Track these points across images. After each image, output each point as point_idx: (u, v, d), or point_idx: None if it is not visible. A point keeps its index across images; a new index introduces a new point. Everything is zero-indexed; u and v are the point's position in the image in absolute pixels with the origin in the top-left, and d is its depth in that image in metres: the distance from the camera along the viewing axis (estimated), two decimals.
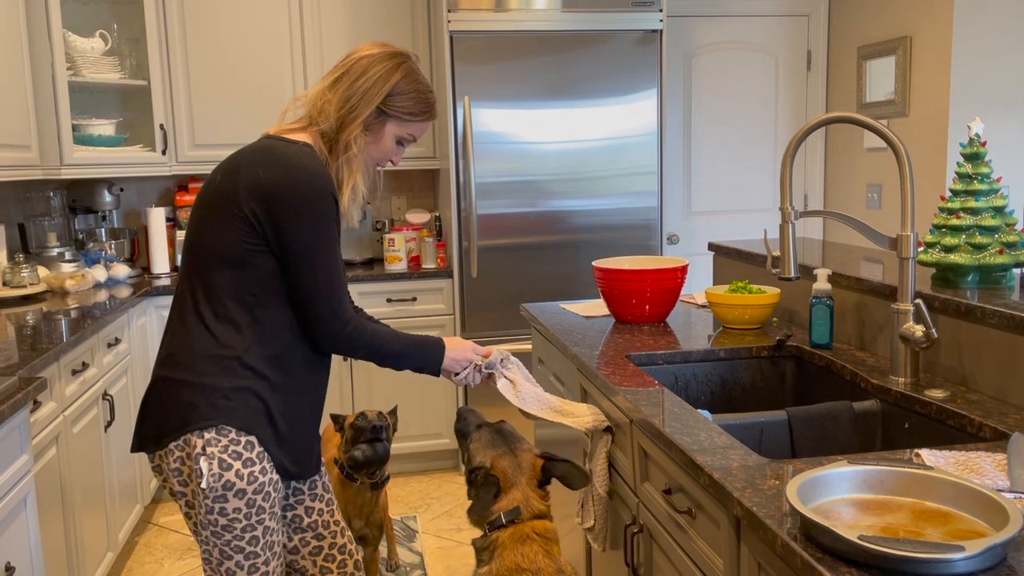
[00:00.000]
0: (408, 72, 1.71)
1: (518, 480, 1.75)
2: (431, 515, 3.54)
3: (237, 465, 1.55)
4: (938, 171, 3.70)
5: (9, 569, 1.80)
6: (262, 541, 1.60)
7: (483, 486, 1.74)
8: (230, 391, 1.56)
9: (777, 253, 1.89)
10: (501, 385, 1.90)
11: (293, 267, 1.58)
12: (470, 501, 1.78)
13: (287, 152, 1.61)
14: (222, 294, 1.59)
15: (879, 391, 1.78)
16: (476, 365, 1.87)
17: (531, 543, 1.68)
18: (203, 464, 1.53)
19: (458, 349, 1.83)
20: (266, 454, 1.59)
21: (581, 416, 1.89)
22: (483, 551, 1.73)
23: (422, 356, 1.77)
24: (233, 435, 1.55)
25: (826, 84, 4.50)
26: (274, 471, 1.61)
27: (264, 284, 1.60)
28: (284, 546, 1.80)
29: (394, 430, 2.62)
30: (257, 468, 1.57)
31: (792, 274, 1.86)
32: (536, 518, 1.73)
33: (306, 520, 1.81)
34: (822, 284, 2.07)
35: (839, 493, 1.20)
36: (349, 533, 1.91)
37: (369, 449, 2.45)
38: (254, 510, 1.57)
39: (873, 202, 4.17)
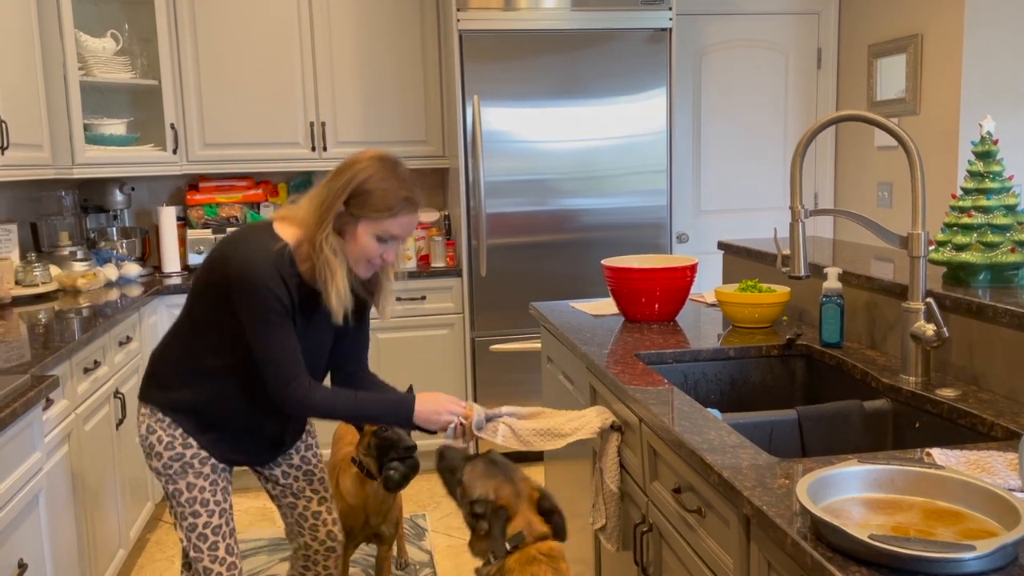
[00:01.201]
0: (376, 172, 1.78)
1: (519, 506, 1.76)
2: (440, 513, 3.54)
3: (159, 433, 1.90)
4: (949, 169, 3.68)
5: (22, 566, 1.82)
6: (186, 495, 1.90)
7: (494, 519, 1.73)
8: (176, 388, 1.90)
9: (787, 252, 1.88)
10: (501, 438, 1.88)
11: (247, 336, 1.78)
12: (472, 532, 1.78)
13: (247, 240, 1.79)
14: (202, 328, 1.86)
15: (890, 390, 1.78)
16: (460, 425, 1.89)
17: (539, 564, 1.69)
18: (140, 425, 1.94)
19: (430, 405, 1.88)
20: (191, 439, 1.89)
21: (588, 423, 1.89)
22: None
23: (386, 418, 1.89)
24: (160, 415, 1.90)
25: (836, 82, 4.49)
26: (201, 449, 1.90)
27: (233, 336, 1.81)
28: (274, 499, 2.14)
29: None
30: (178, 443, 1.89)
31: (802, 273, 1.86)
32: (539, 539, 1.73)
33: (281, 481, 2.12)
34: (832, 283, 2.06)
35: (849, 492, 1.19)
36: (334, 513, 2.18)
37: (404, 467, 2.41)
38: (172, 471, 1.90)
39: (884, 200, 4.16)
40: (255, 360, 1.80)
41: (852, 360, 1.95)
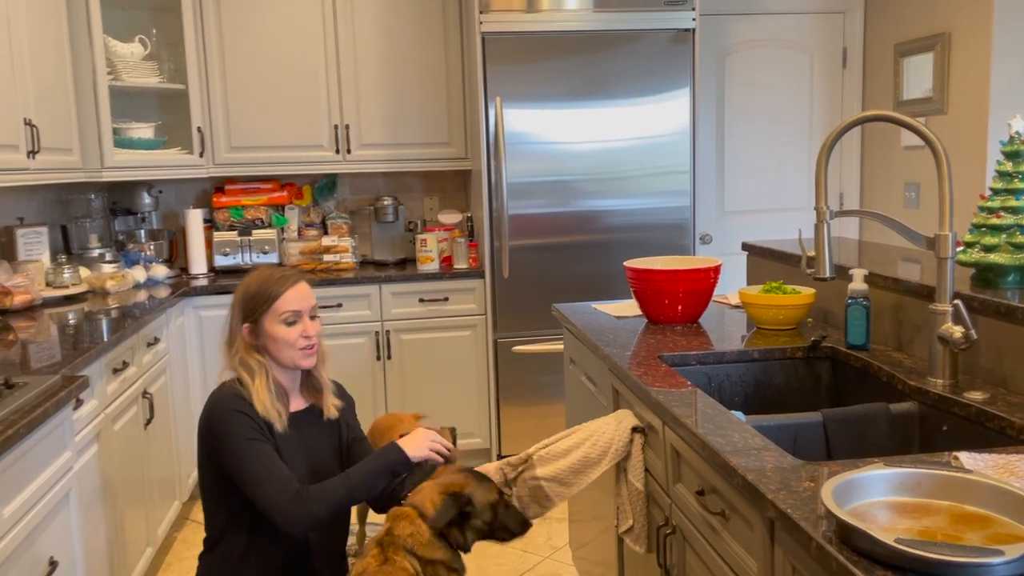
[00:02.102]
0: (247, 281, 1.95)
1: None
2: None
3: None
4: (977, 169, 3.63)
5: (52, 563, 1.85)
6: None
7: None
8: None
9: (812, 253, 1.87)
10: (539, 507, 1.98)
11: (238, 477, 1.83)
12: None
13: (212, 400, 1.91)
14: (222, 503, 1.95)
15: (917, 393, 1.76)
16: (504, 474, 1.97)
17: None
18: None
19: (414, 439, 1.94)
20: None
21: (609, 441, 1.91)
22: None
23: (383, 465, 1.89)
24: None
25: (862, 82, 4.45)
26: None
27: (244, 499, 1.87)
28: None
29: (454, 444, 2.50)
30: None
31: (827, 274, 1.84)
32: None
33: None
34: (858, 284, 2.04)
35: (875, 496, 1.18)
36: None
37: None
38: None
39: (911, 201, 4.11)
40: (250, 497, 1.81)
41: (878, 362, 1.93)
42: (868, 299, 2.04)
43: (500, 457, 4.00)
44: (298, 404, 2.01)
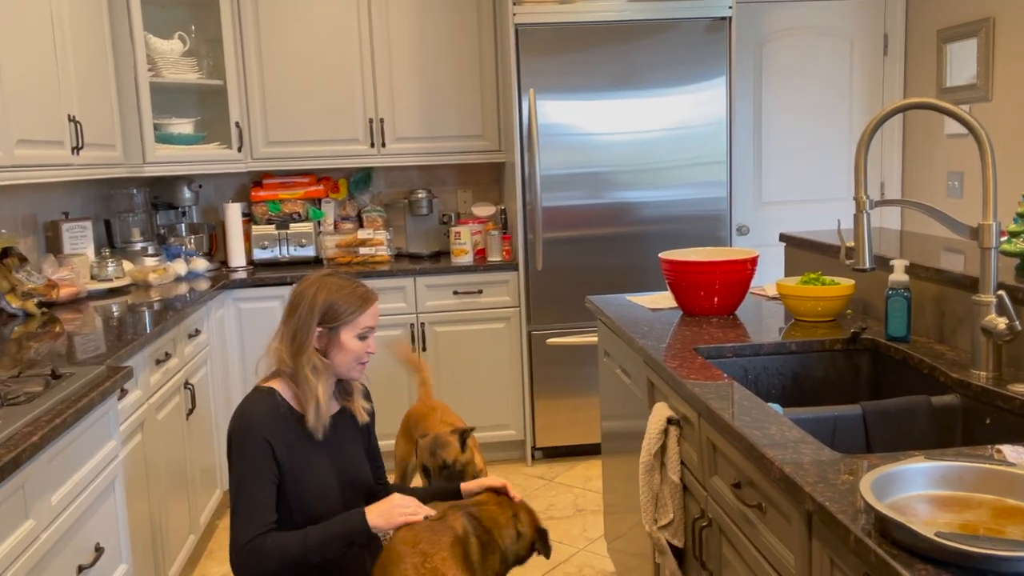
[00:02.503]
0: (329, 286, 1.94)
1: None
2: None
3: None
4: (1023, 158, 3.55)
5: (99, 549, 1.90)
6: None
7: None
8: None
9: (851, 243, 1.84)
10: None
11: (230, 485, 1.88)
12: None
13: (244, 402, 1.93)
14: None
15: (959, 385, 1.73)
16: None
17: None
18: None
19: (383, 505, 1.89)
20: None
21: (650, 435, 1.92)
22: None
23: (342, 532, 1.85)
24: None
25: (904, 69, 4.36)
26: None
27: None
28: None
29: (462, 449, 2.51)
30: None
31: (867, 265, 1.82)
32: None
33: None
34: (899, 275, 2.01)
35: (915, 489, 1.17)
36: None
37: None
38: None
39: (954, 190, 4.03)
40: (232, 514, 1.85)
41: (919, 354, 1.90)
42: (909, 290, 2.00)
43: (535, 449, 4.01)
44: (332, 408, 2.03)
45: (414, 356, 3.44)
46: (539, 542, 2.07)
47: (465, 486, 2.11)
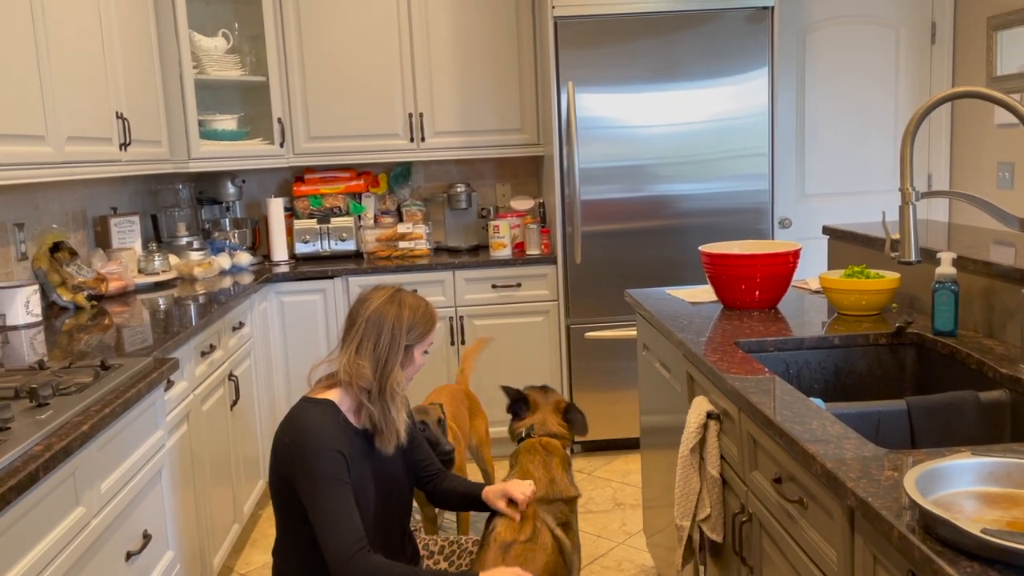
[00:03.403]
0: (406, 305, 1.93)
1: (542, 407, 2.37)
2: None
3: None
4: None
5: (146, 537, 1.94)
6: None
7: (516, 401, 2.40)
8: None
9: (896, 236, 1.81)
10: None
11: (307, 510, 1.82)
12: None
13: (301, 414, 1.87)
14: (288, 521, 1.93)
15: (1008, 381, 1.69)
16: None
17: (535, 452, 2.19)
18: None
19: (495, 574, 1.81)
20: None
21: (690, 448, 1.93)
22: (511, 458, 2.26)
23: None
24: None
25: (952, 57, 4.25)
26: None
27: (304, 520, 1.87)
28: None
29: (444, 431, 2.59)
30: None
31: (913, 257, 1.78)
32: (550, 436, 2.27)
33: None
34: (946, 268, 1.97)
35: (962, 486, 1.15)
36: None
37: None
38: None
39: (1004, 181, 3.92)
40: (316, 534, 1.80)
41: (967, 349, 1.86)
42: (956, 283, 1.96)
43: (573, 443, 4.00)
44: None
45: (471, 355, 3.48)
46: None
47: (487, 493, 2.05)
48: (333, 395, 1.90)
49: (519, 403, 2.38)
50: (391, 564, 1.79)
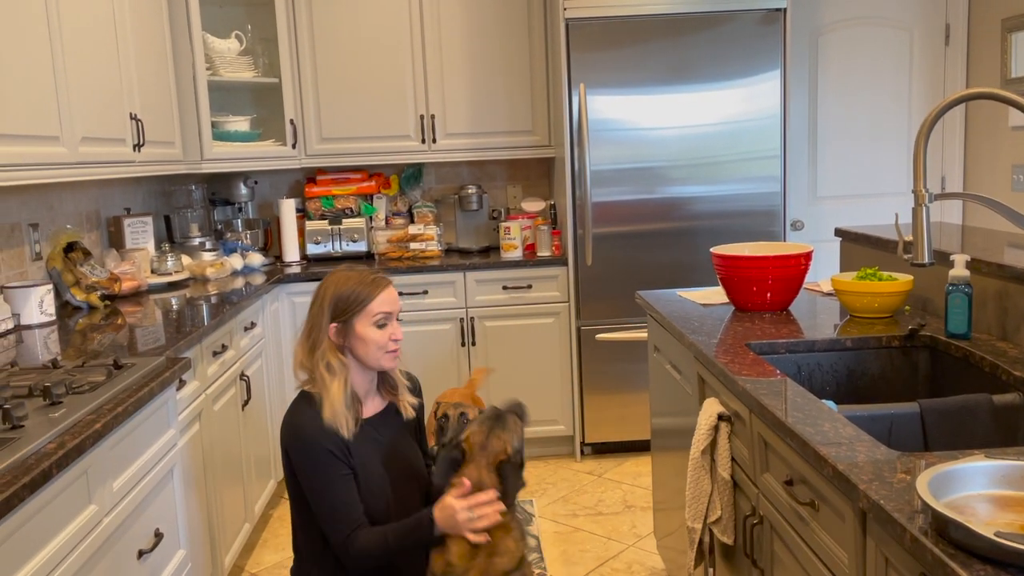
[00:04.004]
0: (337, 279, 1.92)
1: (476, 459, 1.90)
2: (547, 500, 3.57)
3: None
4: None
5: (158, 535, 1.95)
6: None
7: (447, 458, 1.93)
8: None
9: (909, 238, 1.80)
10: None
11: (310, 501, 1.89)
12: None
13: (291, 414, 1.93)
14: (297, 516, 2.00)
15: (1023, 384, 1.67)
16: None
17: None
18: None
19: (448, 510, 1.85)
20: None
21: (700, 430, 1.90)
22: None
23: (412, 534, 1.86)
24: None
25: (966, 60, 4.23)
26: None
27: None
28: None
29: (455, 430, 2.61)
30: None
31: (926, 259, 1.77)
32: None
33: None
34: (960, 270, 1.95)
35: (975, 489, 1.14)
36: None
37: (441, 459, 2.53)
38: None
39: (1019, 184, 3.89)
40: (320, 522, 1.88)
41: (980, 352, 1.85)
42: (970, 286, 1.95)
43: (584, 445, 4.00)
44: (377, 405, 2.02)
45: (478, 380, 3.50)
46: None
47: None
48: (309, 386, 1.95)
49: (452, 462, 1.92)
50: (377, 531, 1.86)
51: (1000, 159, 4.04)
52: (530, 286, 3.91)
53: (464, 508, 1.83)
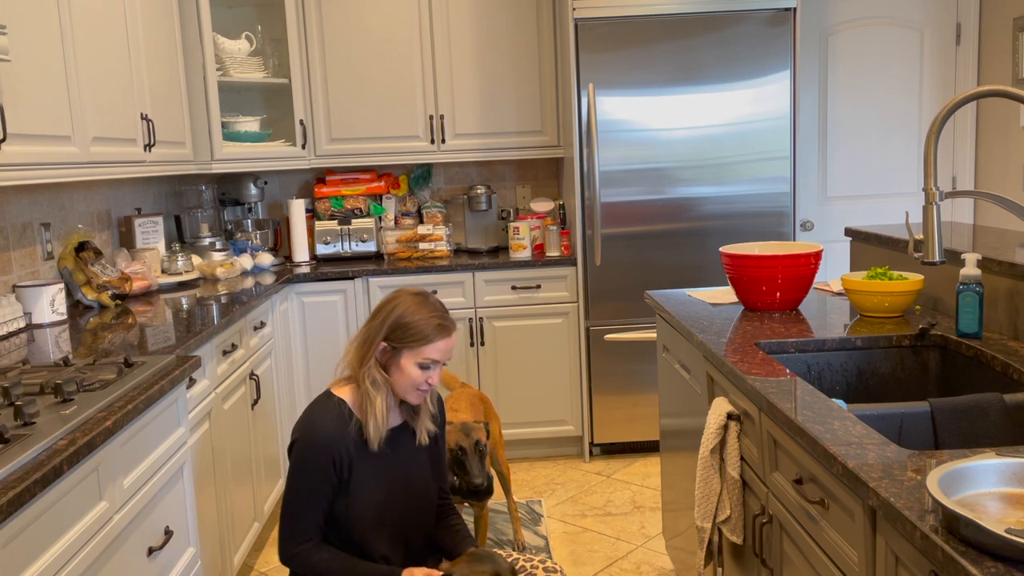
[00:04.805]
0: (410, 305, 1.89)
1: None
2: (556, 500, 3.57)
3: None
4: None
5: (168, 533, 1.96)
6: None
7: None
8: None
9: (920, 236, 1.79)
10: None
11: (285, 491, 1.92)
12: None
13: (313, 408, 1.94)
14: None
15: None
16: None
17: None
18: None
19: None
20: None
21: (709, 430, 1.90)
22: None
23: None
24: None
25: (977, 59, 4.21)
26: None
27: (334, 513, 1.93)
28: None
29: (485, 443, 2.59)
30: None
31: (936, 258, 1.76)
32: None
33: None
34: (971, 269, 1.94)
35: (985, 486, 1.13)
36: None
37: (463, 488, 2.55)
38: None
39: None
40: (282, 516, 1.91)
41: (992, 351, 1.84)
42: (981, 285, 1.94)
43: (592, 445, 4.00)
44: (394, 420, 2.00)
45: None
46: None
47: None
48: (345, 390, 1.94)
49: None
50: (330, 561, 1.87)
51: (1011, 158, 4.01)
52: (539, 286, 3.91)
53: None
